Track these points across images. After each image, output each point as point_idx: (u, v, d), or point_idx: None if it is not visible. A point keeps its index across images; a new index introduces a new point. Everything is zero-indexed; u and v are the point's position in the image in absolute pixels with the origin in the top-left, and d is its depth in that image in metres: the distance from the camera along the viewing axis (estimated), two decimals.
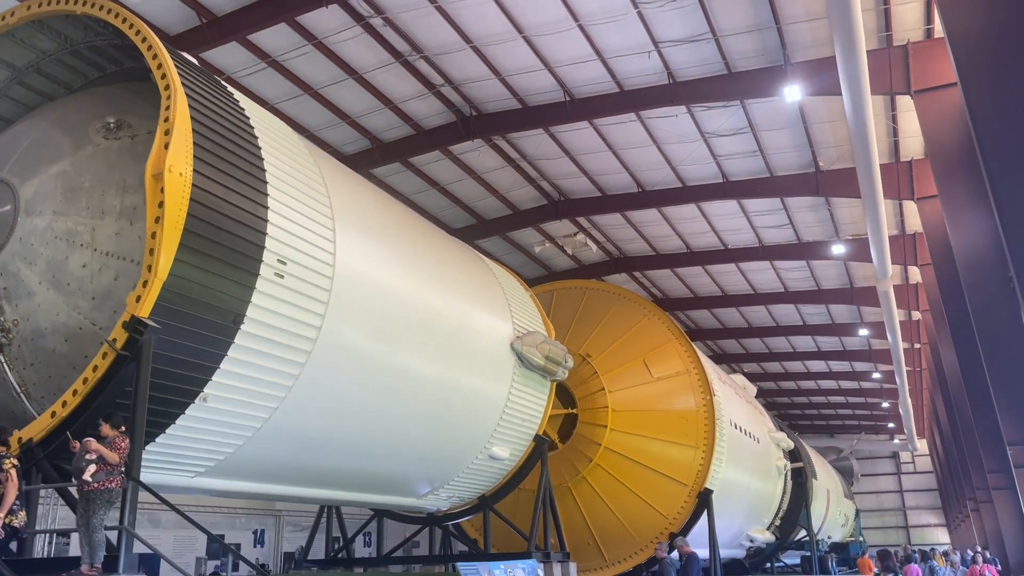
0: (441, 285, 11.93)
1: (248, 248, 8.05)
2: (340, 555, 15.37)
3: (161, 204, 7.23)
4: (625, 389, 19.33)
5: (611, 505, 18.52)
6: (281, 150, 9.05)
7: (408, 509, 14.62)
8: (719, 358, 40.39)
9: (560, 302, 20.99)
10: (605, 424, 18.67)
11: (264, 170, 8.51)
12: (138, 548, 6.76)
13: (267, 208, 8.36)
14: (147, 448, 8.02)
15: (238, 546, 23.44)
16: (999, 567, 20.07)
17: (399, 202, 12.74)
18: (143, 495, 7.01)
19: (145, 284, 7.18)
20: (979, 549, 26.15)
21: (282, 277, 8.52)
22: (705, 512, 18.38)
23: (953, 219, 15.91)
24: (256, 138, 8.69)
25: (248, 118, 8.79)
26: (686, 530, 18.16)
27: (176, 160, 7.34)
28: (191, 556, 21.32)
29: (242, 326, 8.09)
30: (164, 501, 6.71)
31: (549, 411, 14.85)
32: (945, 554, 29.69)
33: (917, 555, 26.00)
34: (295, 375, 8.99)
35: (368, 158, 20.06)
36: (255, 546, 24.26)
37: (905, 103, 18.34)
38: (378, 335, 10.20)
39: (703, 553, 18.98)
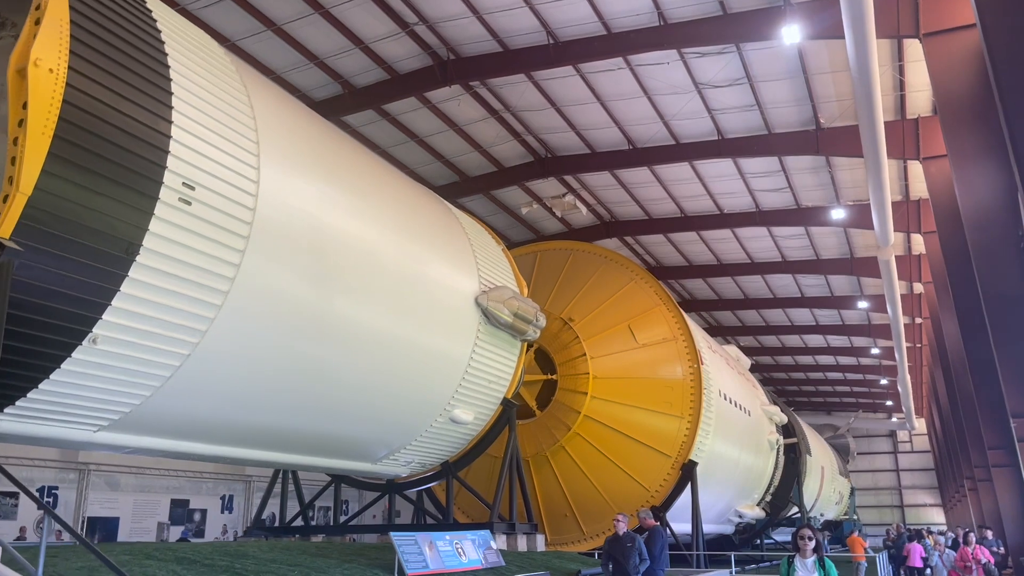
0: (393, 228, 10.77)
1: (142, 165, 6.91)
2: (293, 523, 14.43)
3: (26, 105, 6.11)
4: (608, 355, 18.39)
5: (590, 476, 17.63)
6: (193, 57, 7.86)
7: (364, 475, 13.61)
8: (714, 330, 39.36)
9: (544, 264, 19.98)
10: (586, 391, 17.78)
11: (169, 78, 7.34)
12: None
13: (170, 122, 7.21)
14: (29, 395, 7.02)
15: (204, 512, 22.54)
16: (1001, 548, 18.99)
17: (345, 134, 11.54)
18: (103, 457, 5.92)
19: (6, 199, 6.08)
20: (978, 529, 25.22)
21: (189, 204, 7.39)
22: (689, 485, 17.50)
23: (961, 176, 14.79)
24: (162, 43, 7.50)
25: (155, 20, 7.60)
26: (668, 503, 17.30)
27: (45, 52, 6.19)
28: (152, 520, 20.40)
29: (137, 257, 7.00)
30: None
31: (519, 374, 13.82)
32: (941, 534, 28.82)
33: (907, 533, 25.19)
34: (209, 318, 7.91)
35: (340, 104, 18.81)
36: (223, 512, 23.31)
37: (912, 53, 17.10)
38: (313, 279, 9.08)
39: (687, 528, 18.13)
